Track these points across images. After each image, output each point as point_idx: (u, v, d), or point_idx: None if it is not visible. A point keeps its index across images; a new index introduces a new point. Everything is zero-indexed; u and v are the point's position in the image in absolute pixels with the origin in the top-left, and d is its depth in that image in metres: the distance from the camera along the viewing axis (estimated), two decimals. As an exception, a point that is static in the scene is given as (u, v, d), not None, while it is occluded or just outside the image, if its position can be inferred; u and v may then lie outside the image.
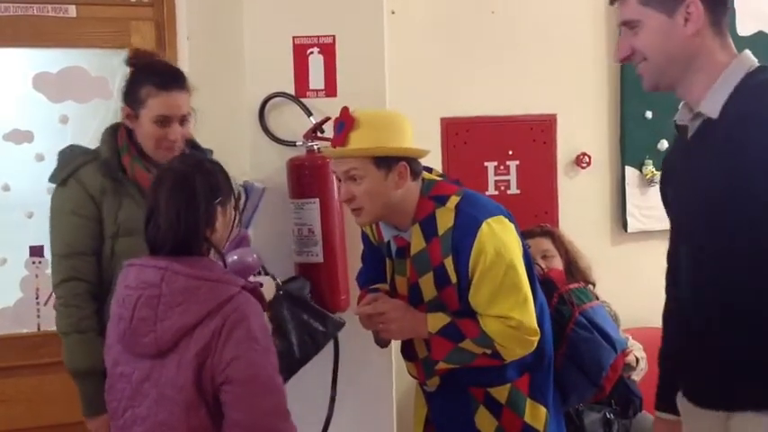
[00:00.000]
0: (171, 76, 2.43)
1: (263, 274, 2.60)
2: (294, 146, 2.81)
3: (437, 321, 2.25)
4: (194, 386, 1.81)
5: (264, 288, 2.10)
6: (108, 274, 2.39)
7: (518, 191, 3.58)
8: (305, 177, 2.74)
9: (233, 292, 1.86)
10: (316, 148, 2.76)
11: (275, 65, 2.83)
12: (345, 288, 2.80)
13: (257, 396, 1.82)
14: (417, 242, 2.26)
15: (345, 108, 2.25)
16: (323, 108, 2.81)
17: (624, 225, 3.72)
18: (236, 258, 2.14)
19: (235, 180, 2.52)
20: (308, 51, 2.84)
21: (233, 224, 1.99)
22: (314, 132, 2.76)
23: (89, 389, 2.36)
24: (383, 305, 2.33)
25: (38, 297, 3.19)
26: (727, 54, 1.86)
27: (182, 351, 1.82)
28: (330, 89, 2.86)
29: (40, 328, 3.17)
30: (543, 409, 2.35)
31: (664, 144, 3.70)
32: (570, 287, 2.57)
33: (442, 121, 3.49)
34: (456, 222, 2.21)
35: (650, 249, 3.75)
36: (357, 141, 2.19)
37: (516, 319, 2.20)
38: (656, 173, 3.68)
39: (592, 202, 3.70)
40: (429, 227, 2.24)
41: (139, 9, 3.30)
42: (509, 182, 3.57)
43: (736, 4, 3.22)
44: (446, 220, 2.22)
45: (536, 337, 2.25)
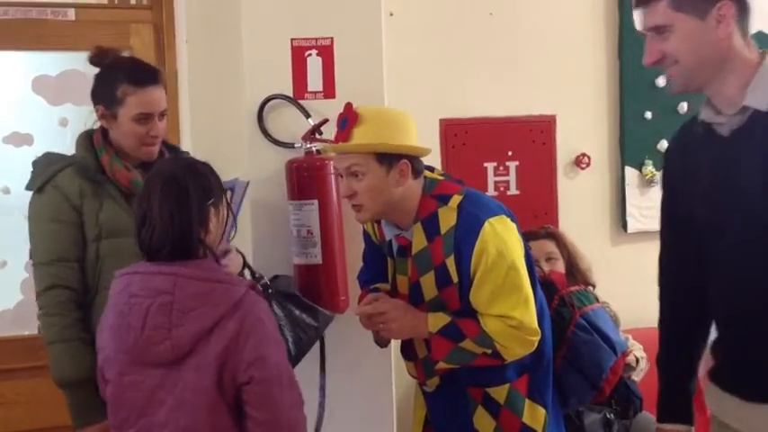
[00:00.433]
0: (147, 73, 2.41)
1: (250, 273, 2.59)
2: (293, 148, 2.81)
3: (437, 321, 2.25)
4: (216, 388, 1.82)
5: None
6: (93, 279, 2.38)
7: (518, 192, 3.58)
8: (304, 179, 2.73)
9: (242, 292, 1.87)
10: (314, 149, 2.76)
11: (273, 67, 2.82)
12: (345, 289, 2.78)
13: (280, 393, 1.85)
14: (419, 241, 2.26)
15: (349, 104, 2.25)
16: (321, 110, 2.81)
17: (624, 225, 3.72)
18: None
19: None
20: (306, 53, 2.83)
21: (226, 224, 1.99)
22: (312, 134, 2.76)
23: (78, 399, 2.32)
24: (383, 305, 2.33)
25: (38, 300, 3.19)
26: (753, 52, 1.88)
27: (200, 355, 1.83)
28: (328, 91, 2.85)
29: (40, 331, 3.16)
30: (542, 410, 2.35)
31: (663, 144, 3.70)
32: (571, 289, 2.56)
33: (441, 122, 3.49)
34: (458, 222, 2.21)
35: (650, 250, 3.67)
36: (360, 137, 2.19)
37: (517, 318, 2.19)
38: (655, 173, 3.68)
39: (591, 203, 3.70)
40: (431, 226, 2.24)
41: (139, 12, 3.32)
42: (509, 183, 3.57)
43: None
44: (448, 219, 2.22)
45: (537, 337, 2.24)
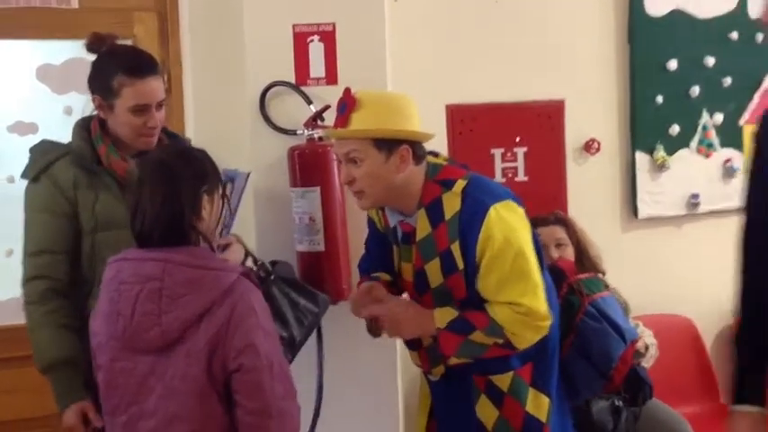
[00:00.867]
0: (143, 62, 2.37)
1: (252, 260, 2.58)
2: (295, 134, 2.79)
3: (444, 315, 2.22)
4: (205, 375, 1.81)
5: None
6: (90, 270, 2.36)
7: (526, 178, 3.54)
8: (306, 166, 2.71)
9: (233, 279, 1.86)
10: (316, 136, 2.74)
11: (275, 54, 2.80)
12: (347, 276, 2.77)
13: (270, 382, 1.83)
14: (423, 227, 2.23)
15: (348, 89, 2.22)
16: (324, 96, 2.78)
17: (635, 211, 3.67)
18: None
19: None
20: (308, 39, 2.80)
21: (221, 213, 1.97)
22: (314, 120, 2.73)
23: (59, 381, 2.33)
24: (380, 309, 2.29)
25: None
26: None
27: (189, 342, 1.82)
28: (331, 77, 2.82)
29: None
30: (546, 399, 2.32)
31: (675, 129, 3.65)
32: (580, 277, 2.52)
33: (448, 108, 3.45)
34: (463, 207, 2.18)
35: (661, 236, 3.74)
36: (358, 122, 2.16)
37: (526, 305, 2.15)
38: (666, 158, 3.63)
39: (602, 189, 3.66)
40: (435, 212, 2.21)
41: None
42: (516, 169, 3.53)
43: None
44: (453, 204, 2.19)
45: (548, 322, 2.20)
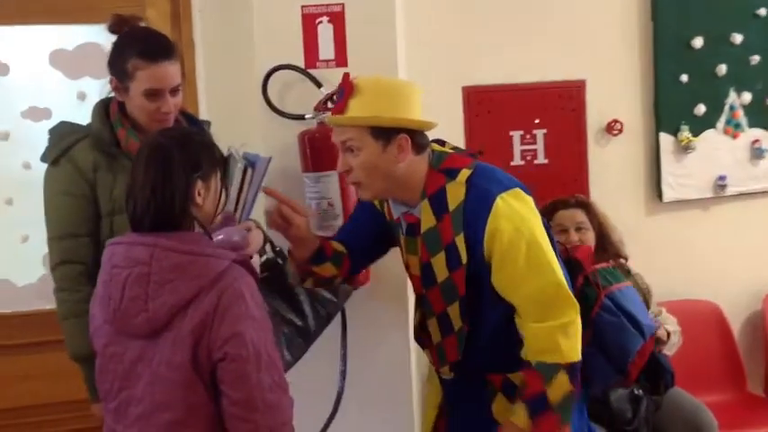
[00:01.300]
0: (158, 46, 2.31)
1: (271, 249, 2.55)
2: (303, 119, 2.74)
3: (519, 414, 2.07)
4: (191, 363, 1.77)
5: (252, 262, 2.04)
6: None
7: (546, 161, 3.47)
8: (319, 150, 2.64)
9: (224, 266, 1.81)
10: (327, 120, 2.68)
11: (283, 36, 2.74)
12: (364, 262, 2.73)
13: (256, 373, 1.78)
14: (427, 219, 2.15)
15: (346, 74, 2.15)
16: (334, 79, 2.70)
17: (659, 194, 3.58)
18: (221, 238, 2.07)
19: (238, 152, 2.49)
20: (316, 21, 2.75)
21: (220, 198, 1.94)
22: (325, 104, 2.68)
23: (92, 373, 2.31)
24: None
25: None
26: None
27: (176, 329, 1.78)
28: (340, 59, 2.76)
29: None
30: None
31: (701, 108, 3.55)
32: (597, 267, 2.42)
33: (464, 89, 3.39)
34: (467, 197, 2.09)
35: (687, 219, 3.64)
36: (355, 109, 2.08)
37: (552, 287, 2.05)
38: (692, 139, 3.53)
39: (624, 171, 3.57)
40: (439, 202, 2.12)
41: (154, -18, 3.27)
42: (536, 151, 3.46)
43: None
44: (457, 194, 2.10)
45: (574, 304, 2.07)
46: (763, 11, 3.54)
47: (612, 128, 3.51)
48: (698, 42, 3.51)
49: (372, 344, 2.76)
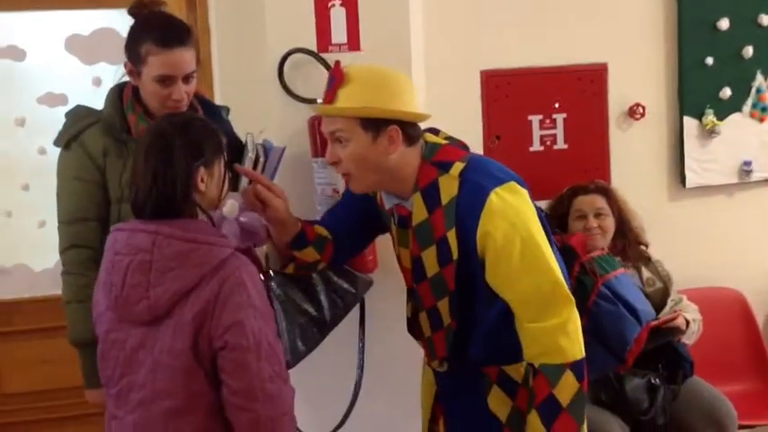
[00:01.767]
0: (172, 32, 2.28)
1: None
2: (315, 103, 2.71)
3: (534, 425, 2.02)
4: (191, 351, 1.78)
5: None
6: None
7: (565, 146, 3.39)
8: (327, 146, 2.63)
9: (226, 254, 1.81)
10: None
11: (296, 20, 2.71)
12: (372, 249, 2.69)
13: (256, 363, 1.78)
14: (419, 212, 2.09)
15: (337, 62, 2.09)
16: (346, 63, 2.70)
17: (682, 180, 3.49)
18: (245, 220, 2.05)
19: (254, 139, 2.47)
20: (329, 4, 2.71)
21: (223, 183, 1.92)
22: (335, 88, 2.65)
23: (90, 360, 2.29)
24: None
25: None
26: None
27: (177, 317, 1.78)
28: (353, 43, 2.73)
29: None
30: None
31: (726, 92, 3.46)
32: (592, 255, 2.38)
33: (482, 73, 3.31)
34: (461, 192, 2.02)
35: (711, 205, 3.56)
36: (344, 99, 2.02)
37: (548, 285, 2.00)
38: (717, 123, 3.45)
39: (647, 157, 3.49)
40: (431, 196, 2.07)
41: (170, -34, 3.25)
42: (555, 136, 3.39)
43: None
44: (450, 188, 2.04)
45: (568, 301, 2.02)
46: (791, -9, 3.45)
47: (635, 112, 3.43)
48: (723, 24, 3.41)
49: (389, 335, 2.73)
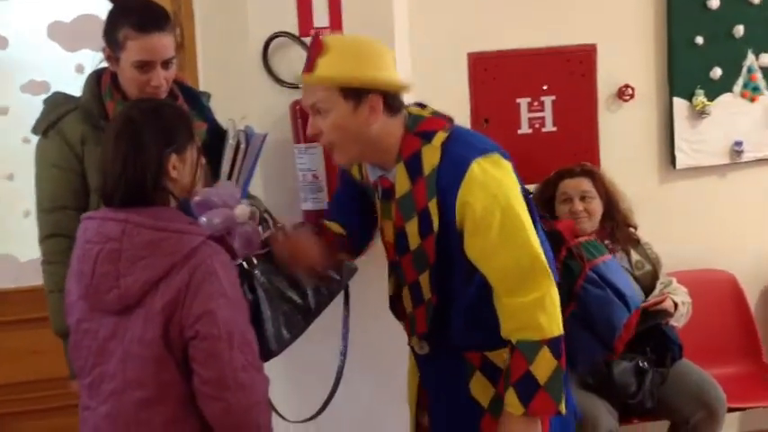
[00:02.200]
0: (150, 17, 2.25)
1: (270, 223, 2.51)
2: (298, 88, 2.68)
3: (511, 401, 1.99)
4: (162, 341, 1.76)
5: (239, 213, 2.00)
6: None
7: (554, 128, 3.36)
8: (308, 120, 2.60)
9: (197, 242, 1.78)
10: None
11: (278, 4, 2.68)
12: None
13: (228, 352, 1.76)
14: (402, 183, 2.08)
15: (317, 33, 2.08)
16: (329, 47, 2.67)
17: (673, 161, 3.47)
18: (204, 220, 2.02)
19: (235, 125, 2.45)
20: (310, -14, 2.69)
21: (197, 169, 1.89)
22: (315, 72, 2.62)
23: None
24: None
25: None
26: None
27: (147, 306, 1.76)
28: (335, 26, 2.69)
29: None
30: None
31: (717, 72, 3.43)
32: (580, 240, 2.35)
33: (470, 56, 3.29)
34: (442, 162, 2.01)
35: (701, 187, 3.54)
36: (324, 68, 2.00)
37: (527, 259, 1.96)
38: (707, 103, 3.41)
39: (637, 138, 3.46)
40: (414, 166, 2.05)
41: (153, -50, 3.21)
42: (544, 119, 3.36)
43: None
44: (432, 158, 2.02)
45: (546, 276, 1.98)
46: (782, -32, 3.40)
47: (624, 93, 3.40)
48: (714, 2, 3.37)
49: (373, 321, 2.71)
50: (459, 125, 2.12)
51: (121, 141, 1.79)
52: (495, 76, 3.31)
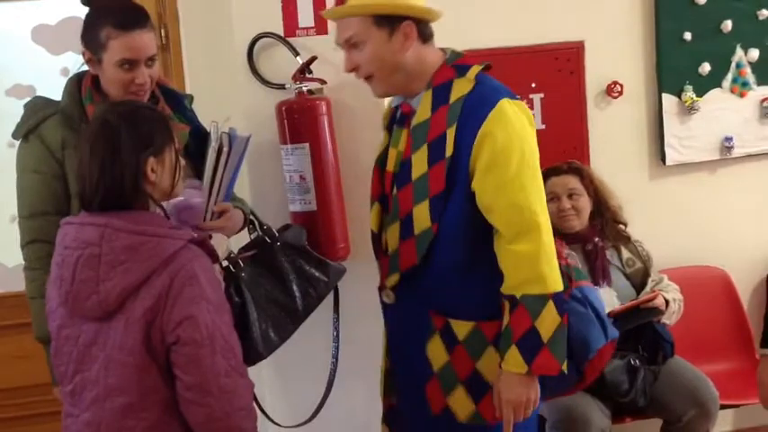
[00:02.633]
0: (131, 15, 2.24)
1: (257, 225, 2.49)
2: (284, 89, 2.66)
3: (513, 359, 1.98)
4: (143, 347, 1.74)
5: (215, 243, 1.97)
6: None
7: (543, 126, 3.34)
8: (294, 121, 2.59)
9: (177, 246, 1.76)
10: (305, 89, 2.61)
11: (263, 5, 2.67)
12: (344, 236, 2.66)
13: (210, 357, 1.74)
14: (423, 111, 2.11)
15: None
16: (314, 47, 2.66)
17: (662, 158, 3.45)
18: (181, 199, 2.00)
19: (218, 128, 2.42)
20: (295, -13, 2.67)
21: (176, 172, 1.87)
22: (302, 73, 2.61)
23: None
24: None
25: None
26: None
27: (128, 312, 1.74)
28: (320, 26, 2.69)
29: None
30: None
31: (705, 67, 3.42)
32: (570, 263, 2.31)
33: (457, 54, 3.27)
34: (472, 92, 2.05)
35: (692, 183, 3.53)
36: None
37: (535, 207, 1.98)
38: (696, 99, 3.40)
39: (626, 135, 3.45)
40: (441, 94, 2.09)
41: (136, -48, 3.19)
42: (533, 117, 3.34)
43: None
44: (462, 89, 2.07)
45: (549, 227, 2.01)
46: (770, -37, 3.39)
47: (612, 90, 3.39)
48: (702, -3, 3.37)
49: (364, 323, 2.69)
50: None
51: (98, 145, 1.77)
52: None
